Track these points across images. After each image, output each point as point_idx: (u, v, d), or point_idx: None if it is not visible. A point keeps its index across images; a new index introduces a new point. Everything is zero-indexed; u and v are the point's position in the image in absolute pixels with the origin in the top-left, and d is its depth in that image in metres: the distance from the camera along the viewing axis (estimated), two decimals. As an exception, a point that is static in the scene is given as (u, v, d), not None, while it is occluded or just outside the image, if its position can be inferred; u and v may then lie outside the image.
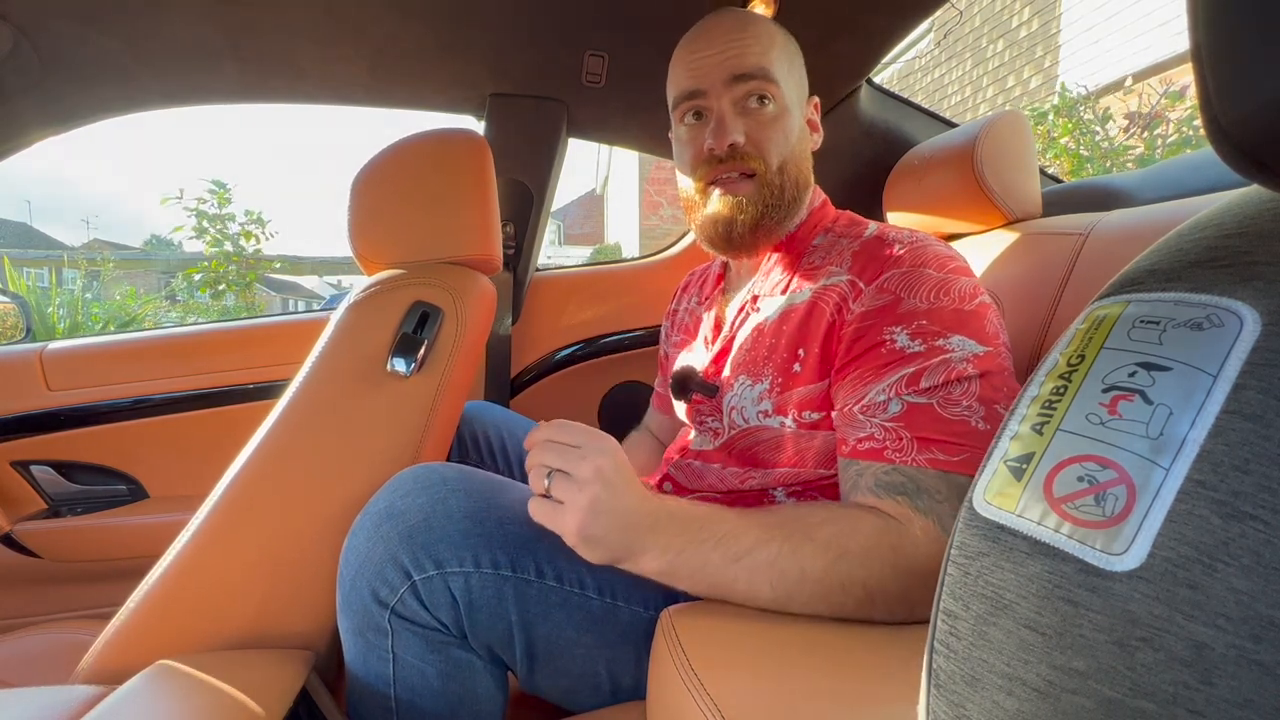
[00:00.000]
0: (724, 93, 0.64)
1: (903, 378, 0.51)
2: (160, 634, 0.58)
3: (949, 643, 0.25)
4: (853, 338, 0.55)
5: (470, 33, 0.94)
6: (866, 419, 0.52)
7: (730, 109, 0.64)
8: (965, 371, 0.50)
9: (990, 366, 0.51)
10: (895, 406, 0.51)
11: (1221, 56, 0.20)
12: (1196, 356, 0.22)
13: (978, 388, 0.50)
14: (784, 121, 0.64)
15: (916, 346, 0.52)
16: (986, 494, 0.25)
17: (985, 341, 0.52)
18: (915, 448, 0.49)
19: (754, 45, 0.63)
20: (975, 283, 0.56)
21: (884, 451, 0.50)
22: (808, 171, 0.68)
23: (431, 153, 0.69)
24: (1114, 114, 3.63)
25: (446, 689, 0.54)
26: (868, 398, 0.52)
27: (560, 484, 0.47)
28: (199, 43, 0.89)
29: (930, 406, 0.50)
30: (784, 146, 0.64)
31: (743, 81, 0.63)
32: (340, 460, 0.63)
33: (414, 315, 0.66)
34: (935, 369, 0.50)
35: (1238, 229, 0.24)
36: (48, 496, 1.09)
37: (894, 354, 0.52)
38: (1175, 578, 0.19)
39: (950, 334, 0.51)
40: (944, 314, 0.53)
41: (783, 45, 0.66)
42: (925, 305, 0.53)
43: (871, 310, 0.55)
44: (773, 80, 0.63)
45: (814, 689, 0.39)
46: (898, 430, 0.50)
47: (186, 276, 6.32)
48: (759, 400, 0.62)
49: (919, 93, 6.55)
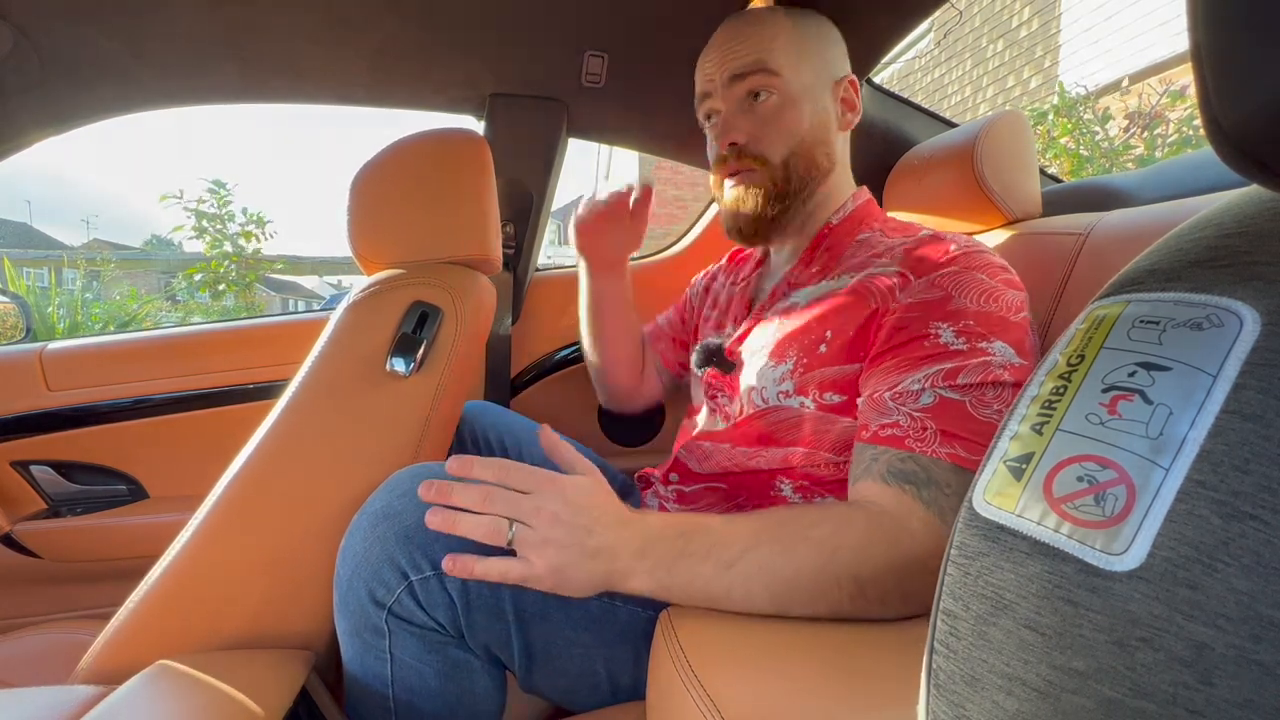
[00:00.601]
0: (726, 92, 0.67)
1: (941, 371, 0.51)
2: (160, 634, 0.58)
3: (949, 643, 0.25)
4: (896, 326, 0.55)
5: (470, 33, 0.94)
6: (896, 406, 0.52)
7: (733, 108, 0.67)
8: (1002, 377, 0.50)
9: (1023, 378, 0.51)
10: (928, 398, 0.50)
11: (1221, 57, 0.20)
12: (1196, 356, 0.22)
13: (1010, 395, 0.50)
14: (788, 112, 0.65)
15: (960, 344, 0.51)
16: (986, 494, 0.25)
17: (1023, 355, 0.52)
18: (938, 440, 0.49)
19: (751, 42, 0.65)
20: (1024, 298, 0.56)
21: (905, 439, 0.50)
22: (827, 157, 0.68)
23: (431, 153, 0.69)
24: (1114, 114, 3.64)
25: (444, 689, 0.54)
26: (901, 385, 0.52)
27: (521, 536, 0.45)
28: (199, 43, 0.89)
29: (963, 404, 0.49)
30: (789, 138, 0.65)
31: (740, 80, 0.66)
32: (340, 460, 0.63)
33: (413, 315, 0.66)
34: (974, 369, 0.50)
35: (1238, 229, 0.24)
36: (48, 496, 1.09)
37: (936, 348, 0.52)
38: (1175, 578, 0.19)
39: (994, 338, 0.51)
40: (991, 319, 0.53)
41: (793, 33, 0.66)
42: (974, 307, 0.53)
43: (919, 303, 0.55)
44: (770, 71, 0.64)
45: (814, 689, 0.39)
46: (924, 420, 0.50)
47: (187, 276, 6.33)
48: (780, 380, 0.62)
49: (919, 93, 6.55)
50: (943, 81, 6.26)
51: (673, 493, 0.72)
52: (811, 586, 0.46)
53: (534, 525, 0.45)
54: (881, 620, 0.47)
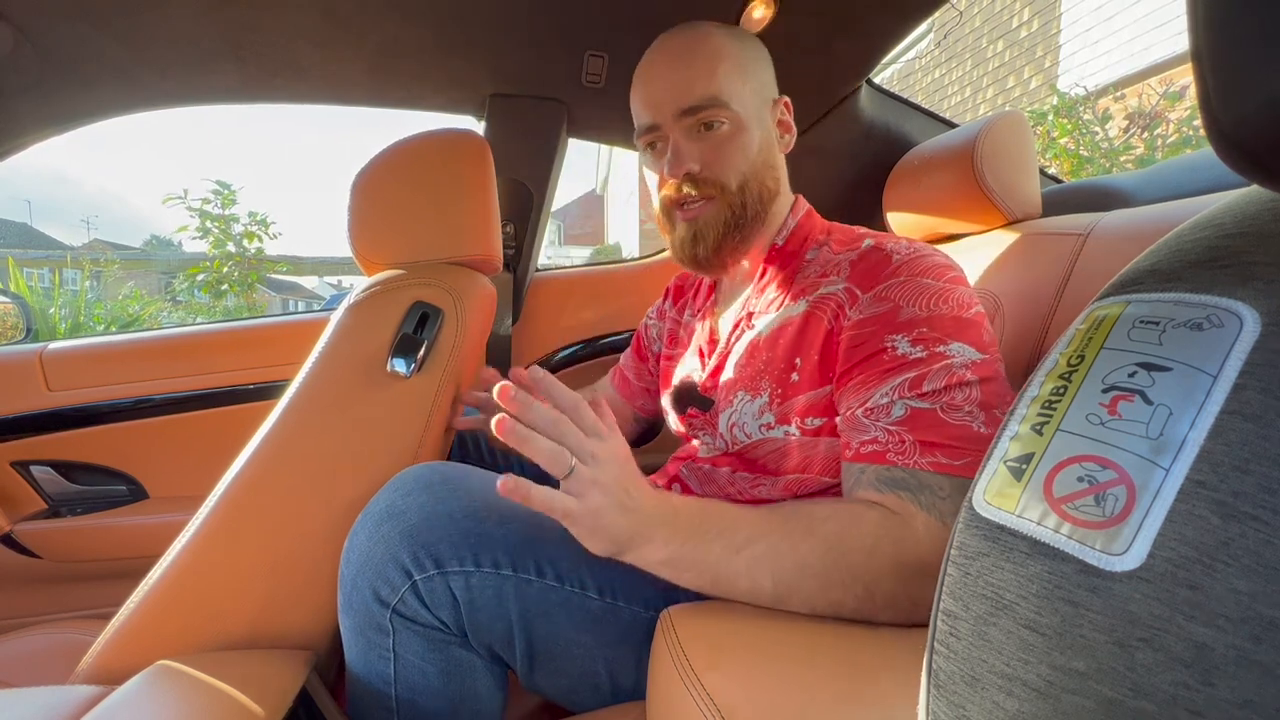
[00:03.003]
0: (675, 125, 0.64)
1: (905, 381, 0.51)
2: (160, 634, 0.58)
3: (949, 643, 0.25)
4: (851, 344, 0.56)
5: (470, 33, 0.94)
6: (871, 422, 0.52)
7: (683, 138, 0.64)
8: (965, 377, 0.51)
9: (988, 373, 0.52)
10: (899, 410, 0.51)
11: (1221, 57, 0.20)
12: (1196, 357, 0.22)
13: (978, 393, 0.50)
14: (739, 139, 0.64)
15: (918, 353, 0.52)
16: (986, 494, 0.25)
17: (982, 349, 0.53)
18: (918, 451, 0.49)
19: (700, 71, 0.63)
20: (972, 292, 0.57)
21: (886, 454, 0.50)
22: (775, 180, 0.68)
23: (431, 153, 0.69)
24: (1113, 114, 3.64)
25: (447, 688, 0.54)
26: (870, 400, 0.53)
27: (578, 473, 0.45)
28: (199, 43, 0.89)
29: (934, 411, 0.50)
30: (742, 164, 0.64)
31: (691, 113, 0.63)
32: (340, 460, 0.63)
33: (414, 315, 0.66)
34: (937, 374, 0.51)
35: (1238, 229, 0.24)
36: (48, 496, 1.09)
37: (895, 360, 0.52)
38: (1175, 578, 0.19)
39: (950, 340, 0.52)
40: (944, 321, 0.53)
41: (736, 58, 0.64)
42: (925, 313, 0.53)
43: (870, 318, 0.55)
44: (722, 104, 0.63)
45: (814, 689, 0.39)
46: (901, 434, 0.50)
47: (189, 276, 6.33)
48: (759, 414, 0.62)
49: (919, 93, 6.55)
50: (943, 82, 6.25)
51: None
52: (817, 580, 0.46)
53: (591, 467, 0.46)
54: (890, 625, 0.47)
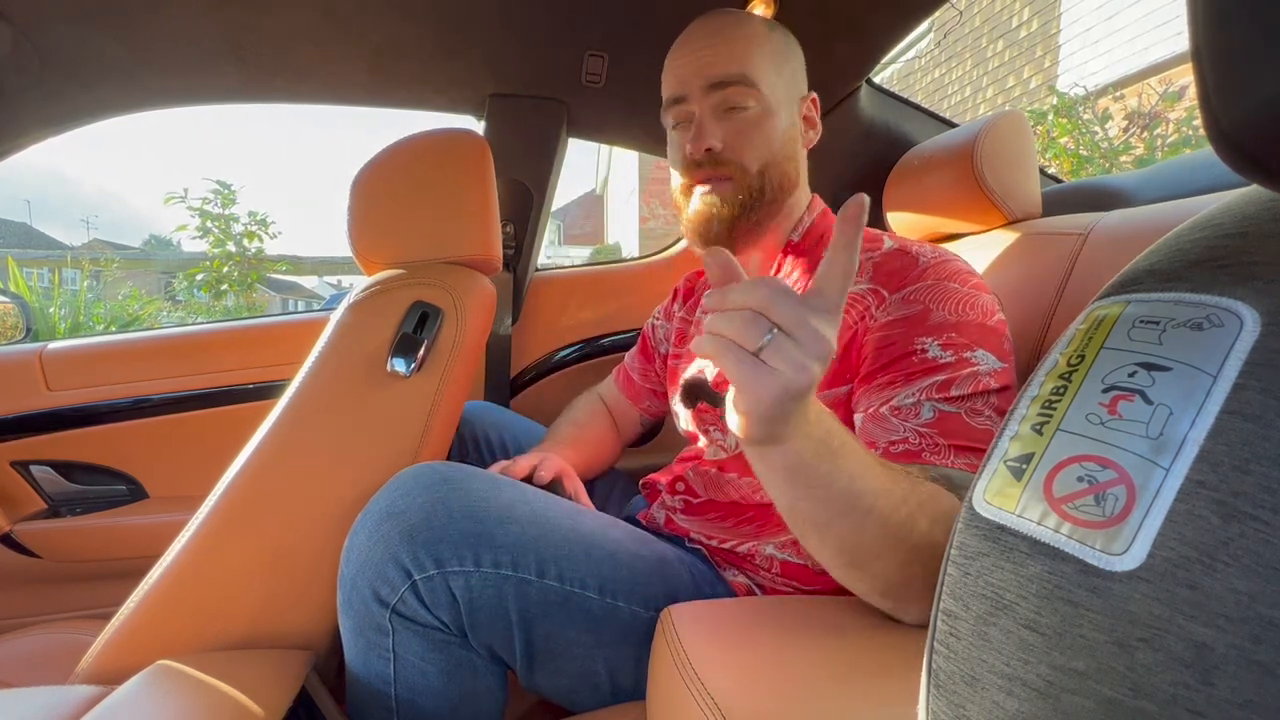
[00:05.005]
0: (703, 99, 0.64)
1: (933, 384, 0.52)
2: (160, 634, 0.59)
3: (949, 643, 0.25)
4: (880, 344, 0.56)
5: (470, 33, 0.94)
6: (900, 422, 0.52)
7: (709, 114, 0.64)
8: (989, 385, 0.51)
9: (1006, 382, 0.53)
10: (927, 412, 0.51)
11: (1221, 57, 0.20)
12: (1196, 356, 0.22)
13: (997, 400, 0.51)
14: (765, 124, 0.64)
15: (948, 357, 0.52)
16: (986, 494, 0.25)
17: (1003, 358, 0.53)
18: (953, 453, 0.49)
19: (734, 49, 0.63)
20: (994, 299, 0.57)
21: (921, 454, 0.50)
22: (795, 172, 0.68)
23: (431, 153, 0.69)
24: (1113, 114, 3.64)
25: (447, 688, 0.54)
26: (896, 400, 0.53)
27: (780, 348, 0.37)
28: (199, 43, 0.89)
29: (960, 415, 0.50)
30: (764, 149, 0.64)
31: (719, 88, 0.63)
32: (340, 460, 0.63)
33: (414, 315, 0.66)
34: (965, 380, 0.51)
35: (1237, 229, 0.24)
36: (48, 496, 1.09)
37: (925, 362, 0.53)
38: (1175, 578, 0.19)
39: (976, 347, 0.53)
40: (971, 328, 0.54)
41: (770, 44, 0.65)
42: (954, 318, 0.54)
43: (899, 319, 0.55)
44: (752, 84, 0.63)
45: (814, 689, 0.39)
46: (932, 436, 0.50)
47: (188, 276, 6.33)
48: None
49: (919, 93, 6.55)
50: (943, 81, 6.25)
51: (680, 502, 0.72)
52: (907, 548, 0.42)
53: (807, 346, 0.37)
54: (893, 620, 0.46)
